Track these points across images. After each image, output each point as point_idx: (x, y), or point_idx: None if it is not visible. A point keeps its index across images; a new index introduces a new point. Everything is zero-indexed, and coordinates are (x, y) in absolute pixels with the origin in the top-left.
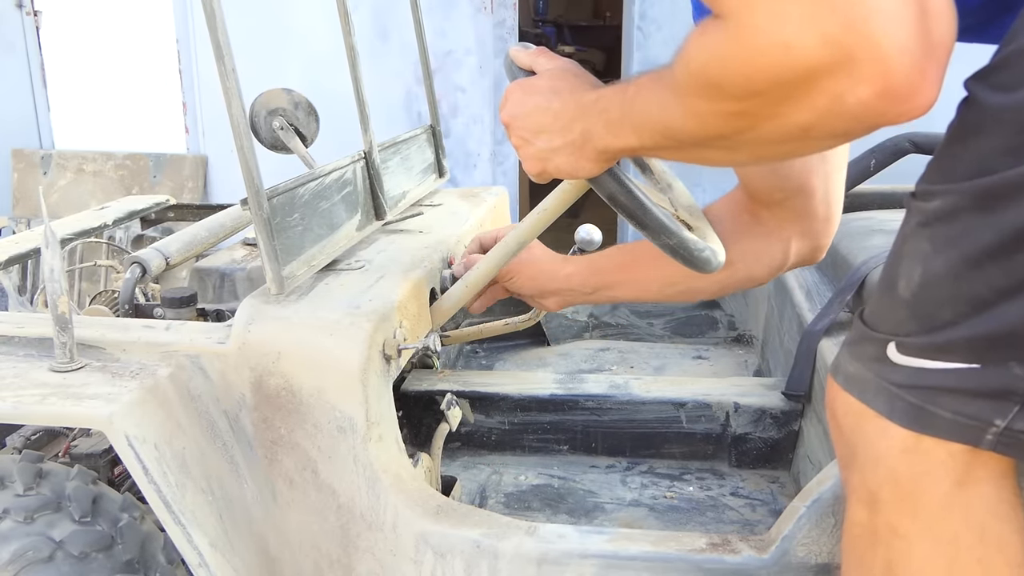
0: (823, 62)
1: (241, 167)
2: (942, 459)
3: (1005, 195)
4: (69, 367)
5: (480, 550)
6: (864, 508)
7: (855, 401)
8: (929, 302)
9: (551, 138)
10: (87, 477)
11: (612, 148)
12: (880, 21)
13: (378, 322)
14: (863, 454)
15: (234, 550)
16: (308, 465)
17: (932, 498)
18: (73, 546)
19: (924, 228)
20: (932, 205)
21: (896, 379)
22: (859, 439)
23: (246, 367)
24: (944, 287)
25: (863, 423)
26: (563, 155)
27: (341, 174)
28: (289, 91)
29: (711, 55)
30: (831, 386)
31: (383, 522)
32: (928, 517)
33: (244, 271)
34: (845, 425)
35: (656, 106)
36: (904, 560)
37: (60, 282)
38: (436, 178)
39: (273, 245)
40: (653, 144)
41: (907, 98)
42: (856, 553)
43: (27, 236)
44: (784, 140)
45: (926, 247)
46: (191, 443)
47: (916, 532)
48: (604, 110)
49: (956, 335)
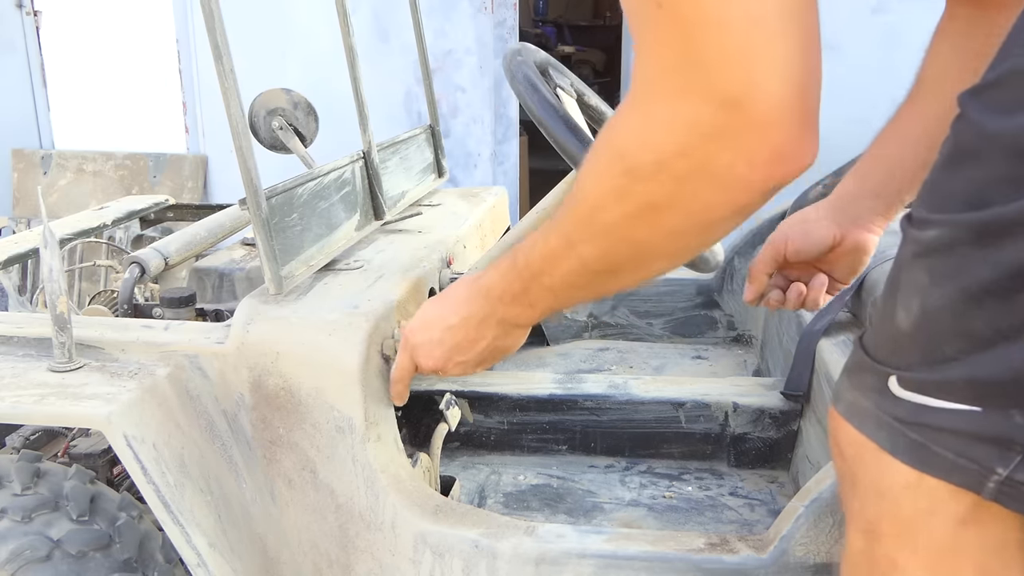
0: (714, 129)
1: (240, 167)
2: (945, 497)
3: (1005, 231)
4: (68, 367)
5: (478, 550)
6: (863, 537)
7: (856, 432)
8: (929, 336)
9: (473, 345)
10: (85, 476)
11: (534, 314)
12: (764, 96)
13: (377, 322)
14: (864, 484)
15: (232, 550)
16: (307, 465)
17: (934, 535)
18: (71, 545)
19: (921, 259)
20: (928, 235)
21: (898, 414)
22: (860, 469)
23: (245, 367)
24: (943, 322)
25: (864, 454)
26: (496, 345)
27: (340, 174)
28: (288, 91)
29: (620, 131)
30: (833, 414)
31: (382, 522)
32: (929, 554)
33: (243, 271)
34: (847, 454)
35: (558, 245)
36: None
37: (59, 282)
38: (435, 178)
39: (272, 245)
40: (569, 292)
41: (792, 161)
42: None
43: (27, 236)
44: (690, 230)
45: (923, 279)
46: (190, 443)
47: (915, 568)
48: (502, 292)
49: (956, 374)
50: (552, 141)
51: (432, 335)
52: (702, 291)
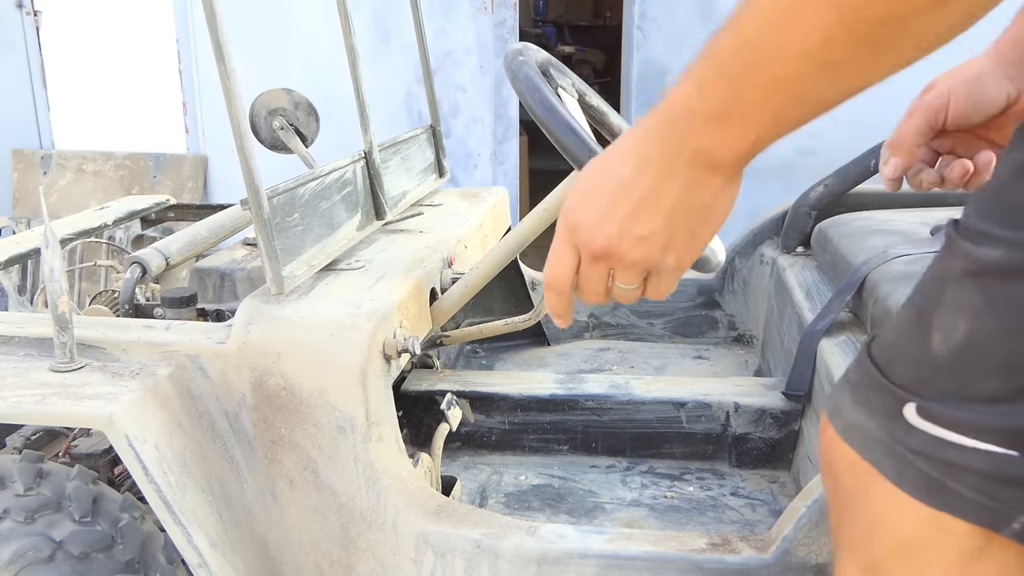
0: None
1: (241, 167)
2: (959, 533)
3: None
4: (69, 367)
5: (480, 550)
6: (864, 573)
7: (857, 457)
8: (971, 368)
9: (656, 208)
10: (87, 477)
11: (745, 138)
12: None
13: (379, 322)
14: (866, 517)
15: (234, 550)
16: (308, 465)
17: (945, 570)
18: (73, 546)
19: (975, 279)
20: (990, 254)
21: (911, 444)
22: (861, 500)
23: (246, 367)
24: (994, 355)
25: (868, 483)
26: (690, 203)
27: (341, 174)
28: (289, 91)
29: None
30: (827, 429)
31: (383, 522)
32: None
33: (244, 271)
34: (844, 479)
35: (784, 19)
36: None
37: (60, 282)
38: (436, 178)
39: (273, 245)
40: (814, 80)
41: None
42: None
43: (27, 236)
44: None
45: (977, 302)
46: (191, 443)
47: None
48: (695, 108)
49: (998, 417)
50: (554, 141)
51: (599, 204)
52: (703, 291)
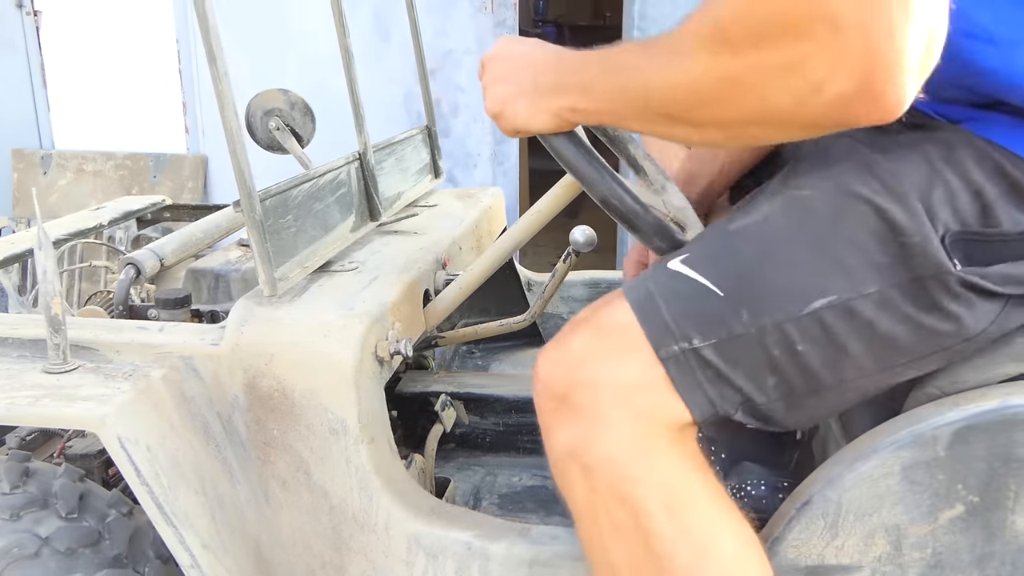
0: (818, 40)
1: (234, 169)
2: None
3: None
4: (62, 368)
5: (472, 552)
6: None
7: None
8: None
9: (521, 82)
10: (74, 475)
11: (576, 107)
12: (883, 25)
13: (371, 324)
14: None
15: (226, 551)
16: (301, 466)
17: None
18: (59, 542)
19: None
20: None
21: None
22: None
23: (239, 368)
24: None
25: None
26: (525, 101)
27: (335, 175)
28: (285, 91)
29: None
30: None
31: (375, 523)
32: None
33: (239, 272)
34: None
35: (645, 66)
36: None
37: (53, 283)
38: (432, 179)
39: (266, 247)
40: (621, 108)
41: (880, 100)
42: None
43: (24, 236)
44: (755, 120)
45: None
46: (184, 444)
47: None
48: (583, 68)
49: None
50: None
51: (517, 49)
52: None
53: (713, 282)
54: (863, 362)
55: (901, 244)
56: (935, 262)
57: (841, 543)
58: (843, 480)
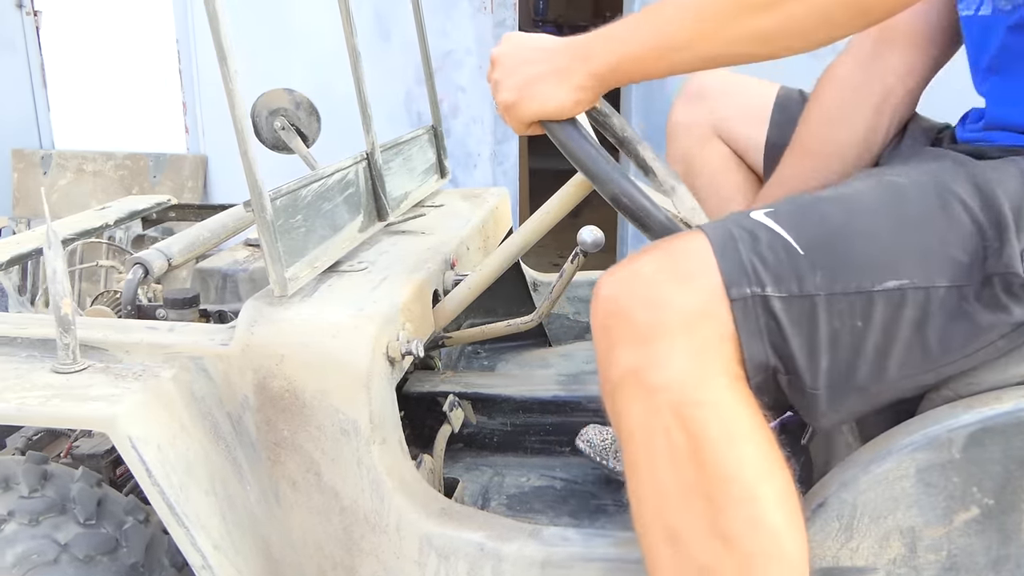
0: None
1: (244, 169)
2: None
3: None
4: (72, 368)
5: (484, 552)
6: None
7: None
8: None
9: (536, 66)
10: (92, 479)
11: (607, 64)
12: None
13: (382, 324)
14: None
15: (237, 552)
16: (311, 467)
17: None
18: (78, 549)
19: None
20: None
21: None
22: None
23: (249, 369)
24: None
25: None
26: (544, 82)
27: (343, 175)
28: (290, 91)
29: None
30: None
31: (387, 524)
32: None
33: (246, 272)
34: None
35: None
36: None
37: (63, 283)
38: (438, 179)
39: (276, 247)
40: (670, 33)
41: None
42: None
43: (28, 236)
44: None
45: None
46: (194, 445)
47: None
48: (610, 31)
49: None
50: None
51: (530, 42)
52: None
53: (794, 239)
54: (913, 353)
55: (984, 247)
56: (1006, 262)
57: (856, 545)
58: (858, 482)
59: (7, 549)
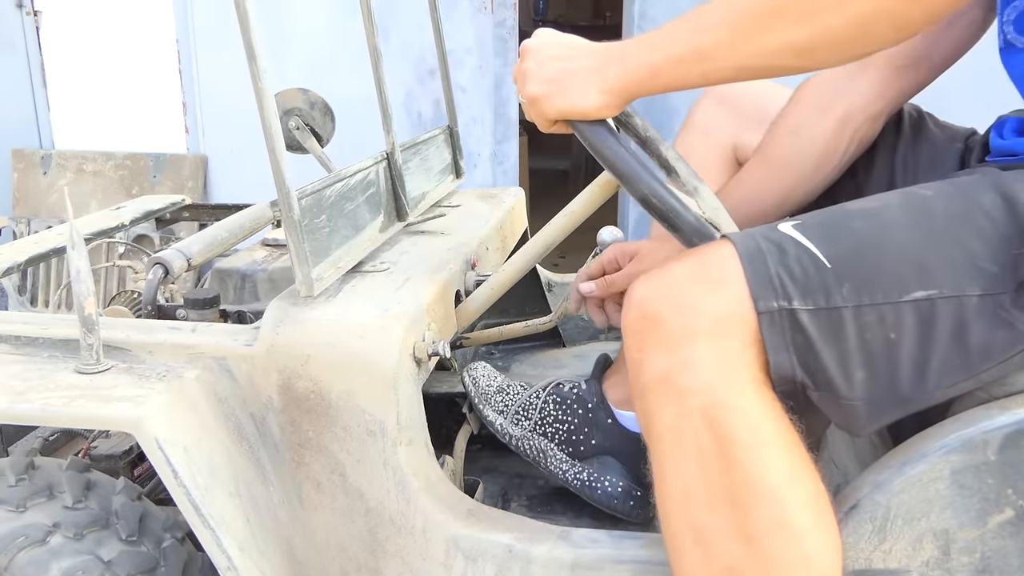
0: None
1: (272, 169)
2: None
3: None
4: (95, 369)
5: (512, 555)
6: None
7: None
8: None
9: (569, 63)
10: (133, 492)
11: (642, 68)
12: None
13: (408, 325)
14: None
15: (261, 553)
16: (336, 468)
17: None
18: (121, 568)
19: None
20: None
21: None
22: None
23: (274, 369)
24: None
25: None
26: (574, 79)
27: (365, 175)
28: (305, 91)
29: None
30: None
31: (413, 526)
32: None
33: (265, 272)
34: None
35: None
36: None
37: (87, 283)
38: (453, 179)
39: (304, 247)
40: (702, 43)
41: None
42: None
43: (47, 236)
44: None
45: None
46: (218, 446)
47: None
48: (644, 37)
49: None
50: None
51: (564, 38)
52: None
53: (822, 252)
54: (952, 362)
55: (1013, 255)
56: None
57: (889, 547)
58: (891, 484)
59: (52, 562)
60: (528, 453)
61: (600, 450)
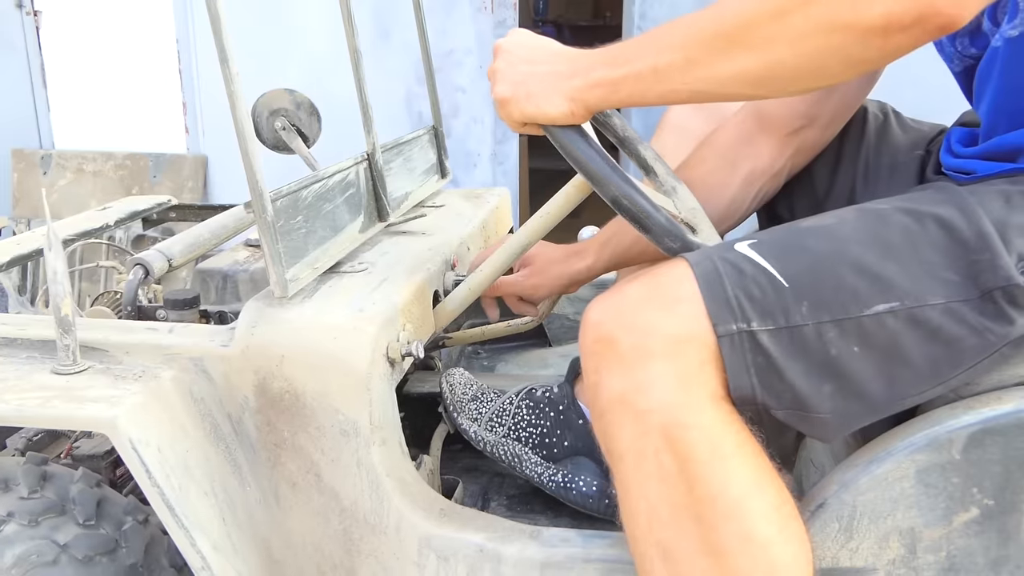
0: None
1: (245, 170)
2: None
3: None
4: (72, 369)
5: (484, 554)
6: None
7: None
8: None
9: (537, 66)
10: (91, 480)
11: (601, 79)
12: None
13: (382, 325)
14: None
15: (237, 553)
16: (311, 468)
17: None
18: (77, 550)
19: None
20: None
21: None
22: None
23: (249, 370)
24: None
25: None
26: (539, 83)
27: (344, 176)
28: (291, 91)
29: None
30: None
31: (386, 525)
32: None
33: (247, 273)
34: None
35: (689, 23)
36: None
37: (63, 284)
38: (438, 179)
39: (277, 248)
40: (660, 60)
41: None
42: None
43: (29, 237)
44: (825, 27)
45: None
46: (194, 446)
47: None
48: (609, 50)
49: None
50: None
51: (537, 41)
52: None
53: (779, 271)
54: (921, 371)
55: (971, 263)
56: (1005, 275)
57: (855, 546)
58: (858, 483)
59: (6, 550)
60: (503, 458)
61: (573, 451)
